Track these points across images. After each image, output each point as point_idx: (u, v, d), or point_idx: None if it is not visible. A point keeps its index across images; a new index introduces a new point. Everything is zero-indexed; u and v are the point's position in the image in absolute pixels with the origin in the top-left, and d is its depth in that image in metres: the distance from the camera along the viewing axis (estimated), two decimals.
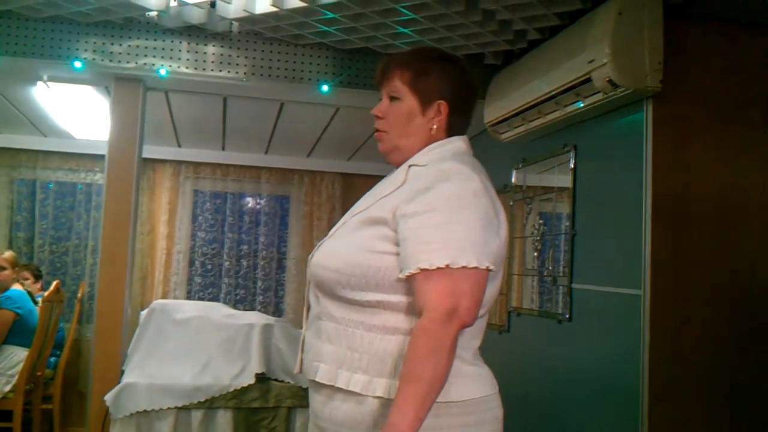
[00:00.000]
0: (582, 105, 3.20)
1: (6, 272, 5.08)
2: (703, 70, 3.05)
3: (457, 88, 1.77)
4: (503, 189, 4.32)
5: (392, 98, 1.81)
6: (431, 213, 1.55)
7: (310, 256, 1.76)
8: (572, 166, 3.55)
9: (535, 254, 3.95)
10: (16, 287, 5.09)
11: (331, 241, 1.74)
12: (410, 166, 1.70)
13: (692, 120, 3.01)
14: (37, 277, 5.77)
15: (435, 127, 1.76)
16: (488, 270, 1.55)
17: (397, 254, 1.58)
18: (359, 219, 1.69)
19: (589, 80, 3.00)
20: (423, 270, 1.52)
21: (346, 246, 1.67)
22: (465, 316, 1.51)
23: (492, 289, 1.67)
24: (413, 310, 1.57)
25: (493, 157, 4.35)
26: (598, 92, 3.02)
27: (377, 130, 1.84)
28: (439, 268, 1.51)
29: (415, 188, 1.61)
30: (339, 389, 1.62)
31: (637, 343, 2.91)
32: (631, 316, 2.97)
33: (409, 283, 1.56)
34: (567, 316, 3.50)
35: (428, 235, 1.54)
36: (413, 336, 1.51)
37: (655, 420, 2.84)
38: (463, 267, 1.51)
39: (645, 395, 2.86)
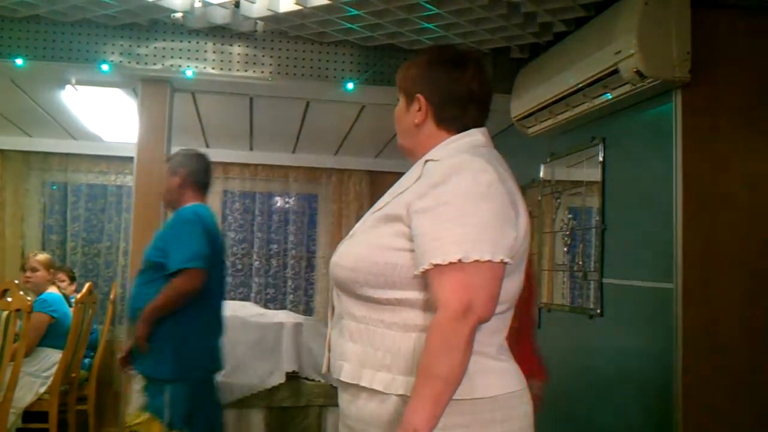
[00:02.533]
0: (610, 97, 3.16)
1: (39, 273, 5.12)
2: (732, 59, 3.00)
3: (433, 80, 1.76)
4: (531, 183, 4.28)
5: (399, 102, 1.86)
6: (444, 207, 1.54)
7: (332, 256, 1.76)
8: (601, 159, 3.52)
9: (565, 249, 3.92)
10: (52, 290, 5.14)
11: (350, 240, 1.73)
12: (426, 161, 1.69)
13: (722, 109, 2.97)
14: (72, 278, 5.84)
15: (417, 120, 1.76)
16: (503, 263, 1.53)
17: (413, 250, 1.57)
18: (377, 217, 1.68)
19: (616, 72, 2.97)
20: (436, 265, 1.50)
21: (364, 244, 1.67)
22: (480, 311, 1.49)
23: (512, 283, 1.64)
24: (431, 306, 1.55)
25: (520, 151, 4.32)
26: (626, 83, 2.99)
27: None
28: (451, 263, 1.48)
29: (428, 183, 1.60)
30: (364, 388, 1.61)
31: (670, 337, 2.88)
32: (663, 310, 2.93)
33: (425, 280, 1.55)
34: (598, 311, 3.46)
35: (440, 229, 1.52)
36: (428, 333, 1.50)
37: (690, 415, 2.80)
38: (476, 261, 1.49)
39: (679, 390, 2.83)
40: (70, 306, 5.09)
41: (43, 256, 5.23)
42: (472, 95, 1.78)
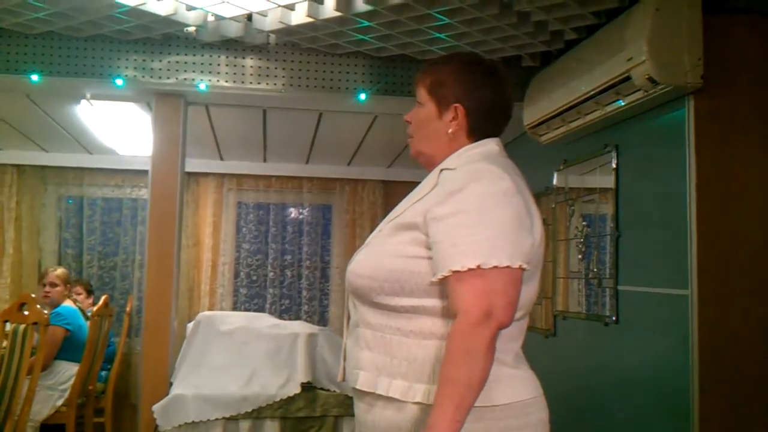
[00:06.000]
0: (622, 104, 3.16)
1: (58, 288, 5.17)
2: (745, 64, 2.99)
3: (477, 92, 1.76)
4: (545, 191, 4.28)
5: (418, 104, 1.84)
6: (462, 214, 1.55)
7: (348, 264, 1.77)
8: (614, 166, 3.51)
9: (580, 257, 3.91)
10: (68, 303, 5.17)
11: (366, 249, 1.74)
12: (442, 170, 1.70)
13: (735, 115, 2.95)
14: (90, 292, 5.87)
15: (451, 130, 1.76)
16: (521, 269, 1.54)
17: (430, 258, 1.57)
18: (393, 225, 1.69)
19: (628, 78, 2.96)
20: (455, 272, 1.51)
21: (380, 252, 1.67)
22: (500, 316, 1.49)
23: (529, 290, 1.65)
24: (449, 313, 1.56)
25: (533, 159, 4.32)
26: (638, 90, 2.98)
27: (408, 135, 1.89)
28: (470, 269, 1.49)
29: (445, 191, 1.61)
30: (380, 396, 1.62)
31: (686, 344, 2.86)
32: (678, 316, 2.92)
33: (443, 287, 1.55)
34: (613, 318, 3.45)
35: (459, 236, 1.53)
36: (449, 339, 1.50)
37: (706, 423, 2.78)
38: (495, 267, 1.50)
39: (695, 397, 2.81)
40: (87, 319, 5.12)
41: (61, 271, 5.27)
42: (506, 108, 1.80)
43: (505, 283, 1.51)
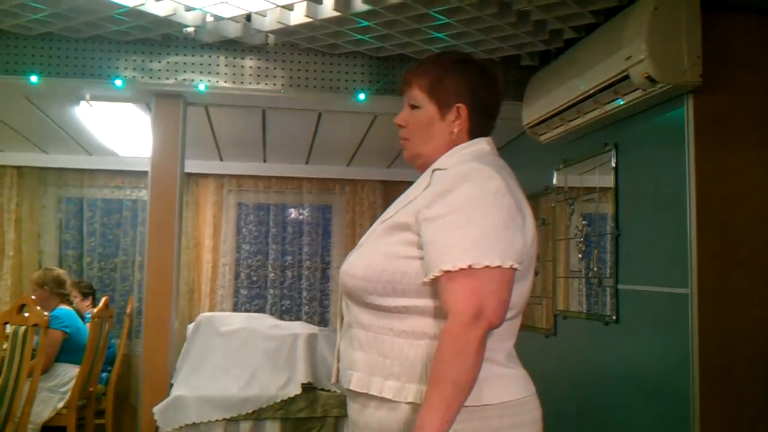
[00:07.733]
0: (622, 103, 3.16)
1: (36, 293, 5.08)
2: (744, 63, 2.99)
3: (476, 90, 1.76)
4: (544, 191, 4.27)
5: (413, 107, 1.82)
6: (452, 215, 1.55)
7: (342, 265, 1.77)
8: (614, 165, 3.51)
9: (580, 256, 3.90)
10: (64, 306, 5.15)
11: (359, 250, 1.74)
12: (434, 170, 1.70)
13: (734, 113, 2.95)
14: (86, 294, 5.84)
15: (456, 130, 1.76)
16: (513, 269, 1.54)
17: (422, 258, 1.58)
18: (385, 226, 1.69)
19: (627, 77, 2.96)
20: (446, 272, 1.51)
21: (372, 253, 1.68)
22: (491, 316, 1.49)
23: (521, 290, 1.65)
24: (441, 313, 1.56)
25: (533, 158, 4.32)
26: (637, 89, 2.98)
27: (402, 139, 1.87)
28: (461, 269, 1.49)
29: (436, 191, 1.61)
30: (373, 396, 1.62)
31: (686, 343, 2.86)
32: (678, 315, 2.92)
33: (435, 287, 1.56)
34: (614, 317, 3.45)
35: (450, 236, 1.53)
36: (439, 339, 1.51)
37: (707, 421, 2.78)
38: (486, 267, 1.50)
39: (695, 395, 2.81)
40: (85, 322, 5.11)
41: (36, 275, 5.22)
42: (499, 106, 1.81)
43: (496, 283, 1.51)
